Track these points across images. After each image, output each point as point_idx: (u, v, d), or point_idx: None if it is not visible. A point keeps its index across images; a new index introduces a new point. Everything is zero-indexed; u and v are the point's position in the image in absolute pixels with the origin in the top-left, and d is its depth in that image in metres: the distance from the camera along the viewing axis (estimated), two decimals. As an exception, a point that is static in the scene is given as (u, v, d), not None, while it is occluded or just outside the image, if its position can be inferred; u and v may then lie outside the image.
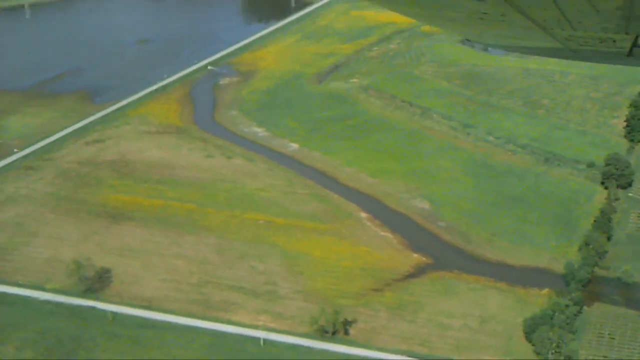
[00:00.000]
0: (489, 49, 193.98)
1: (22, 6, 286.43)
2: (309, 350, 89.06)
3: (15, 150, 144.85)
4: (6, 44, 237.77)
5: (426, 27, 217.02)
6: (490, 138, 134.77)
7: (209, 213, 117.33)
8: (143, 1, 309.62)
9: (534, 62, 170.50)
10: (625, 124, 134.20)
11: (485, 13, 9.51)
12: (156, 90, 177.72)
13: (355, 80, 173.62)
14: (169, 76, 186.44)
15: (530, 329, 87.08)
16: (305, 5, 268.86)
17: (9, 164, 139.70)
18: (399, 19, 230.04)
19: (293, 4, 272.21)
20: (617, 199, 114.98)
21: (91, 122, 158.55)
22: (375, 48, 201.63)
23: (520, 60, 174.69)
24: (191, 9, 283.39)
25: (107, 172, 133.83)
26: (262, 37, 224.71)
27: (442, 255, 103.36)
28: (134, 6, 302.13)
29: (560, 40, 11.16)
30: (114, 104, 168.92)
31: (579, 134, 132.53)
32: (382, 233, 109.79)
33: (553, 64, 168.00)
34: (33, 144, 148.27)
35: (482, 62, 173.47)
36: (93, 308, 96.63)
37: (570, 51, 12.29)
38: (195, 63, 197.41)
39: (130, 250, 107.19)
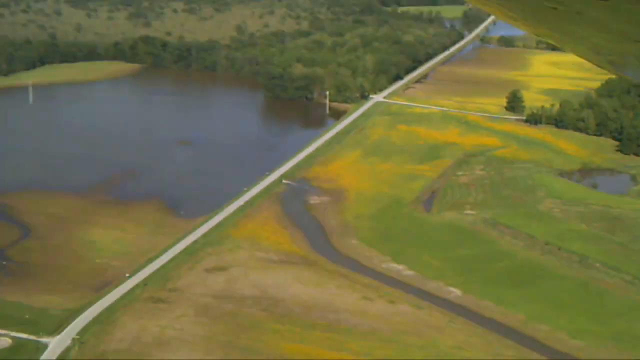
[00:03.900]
0: (599, 186, 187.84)
1: (19, 87, 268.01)
2: None
3: (126, 275, 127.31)
4: (22, 134, 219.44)
5: (499, 151, 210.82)
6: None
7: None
8: (150, 94, 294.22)
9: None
10: None
11: None
12: (243, 205, 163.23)
13: (470, 212, 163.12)
14: (248, 189, 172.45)
15: None
16: (338, 113, 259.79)
17: (129, 293, 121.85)
18: (455, 138, 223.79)
19: (327, 111, 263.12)
20: None
21: (194, 243, 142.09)
22: (460, 173, 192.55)
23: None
24: (207, 109, 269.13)
25: (257, 312, 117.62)
26: (319, 149, 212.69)
27: None
28: (141, 98, 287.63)
29: None
30: (206, 220, 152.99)
31: None
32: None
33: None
34: (141, 268, 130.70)
35: (613, 204, 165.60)
36: None
37: None
38: (267, 175, 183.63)
39: None
